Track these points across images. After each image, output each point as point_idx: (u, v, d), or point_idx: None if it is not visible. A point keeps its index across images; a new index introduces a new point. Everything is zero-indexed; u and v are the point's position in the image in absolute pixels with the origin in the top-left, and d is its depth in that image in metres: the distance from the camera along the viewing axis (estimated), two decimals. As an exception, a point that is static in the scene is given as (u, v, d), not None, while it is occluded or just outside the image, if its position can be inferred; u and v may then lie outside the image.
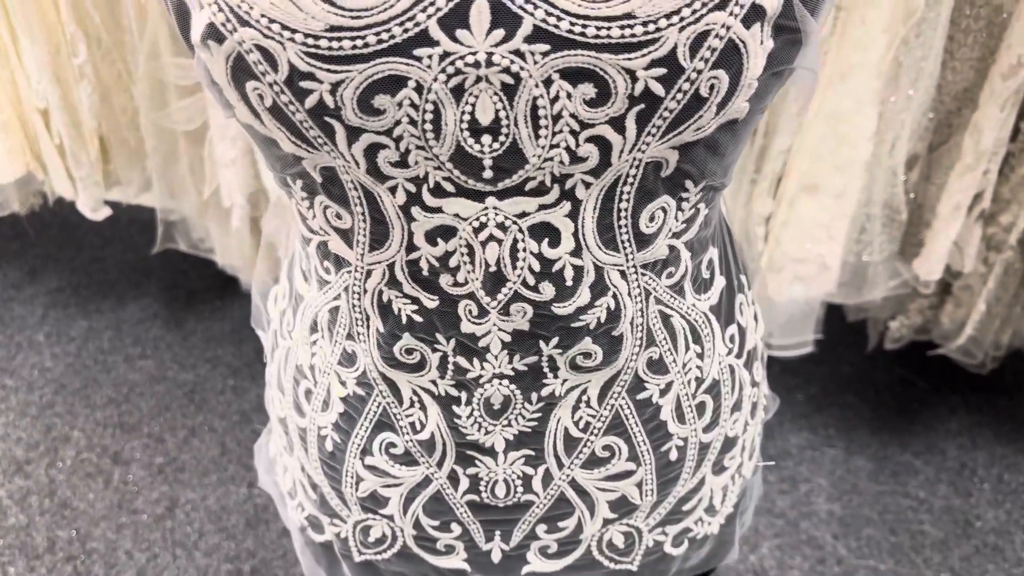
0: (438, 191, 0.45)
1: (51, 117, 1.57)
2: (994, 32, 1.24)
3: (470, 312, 0.50)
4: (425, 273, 0.49)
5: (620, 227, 0.47)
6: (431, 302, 0.50)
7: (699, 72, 0.40)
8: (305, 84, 0.40)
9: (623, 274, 0.49)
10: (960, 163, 1.31)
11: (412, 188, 0.45)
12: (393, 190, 0.45)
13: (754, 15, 0.39)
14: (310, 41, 0.39)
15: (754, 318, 0.63)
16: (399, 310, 0.51)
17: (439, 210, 0.45)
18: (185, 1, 0.40)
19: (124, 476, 1.68)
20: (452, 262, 0.48)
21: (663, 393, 0.56)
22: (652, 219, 0.48)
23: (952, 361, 1.60)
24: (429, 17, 0.38)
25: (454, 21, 0.38)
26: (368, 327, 0.53)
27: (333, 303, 0.54)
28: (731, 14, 0.38)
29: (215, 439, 1.75)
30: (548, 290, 0.48)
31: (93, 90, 1.56)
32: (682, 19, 0.38)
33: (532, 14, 0.38)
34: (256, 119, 0.43)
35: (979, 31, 1.26)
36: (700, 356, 0.56)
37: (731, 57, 0.40)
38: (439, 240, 0.47)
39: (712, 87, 0.40)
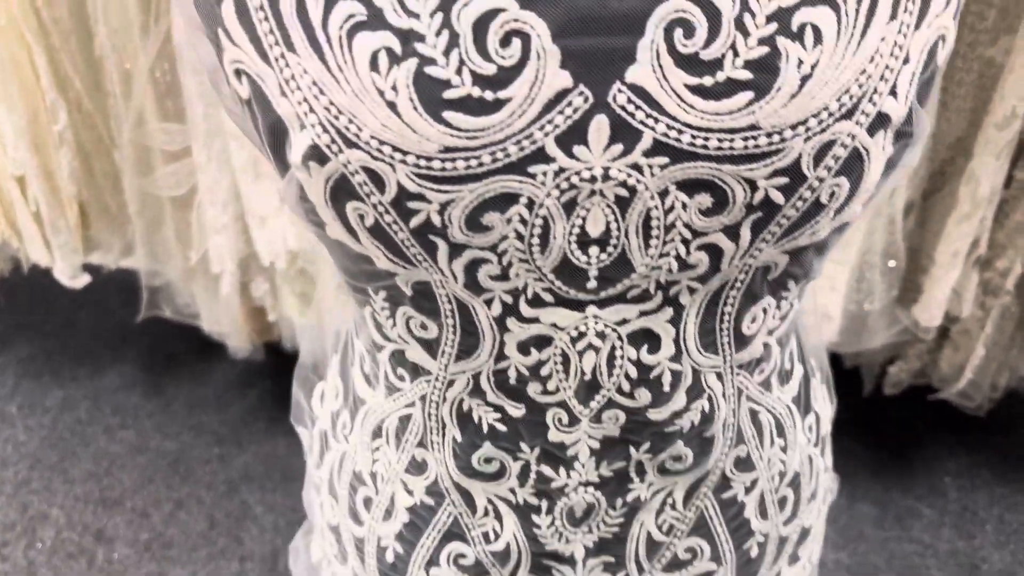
0: (536, 301, 0.42)
1: (28, 184, 1.52)
2: (986, 84, 1.26)
3: (559, 420, 0.47)
4: (512, 382, 0.46)
5: (722, 330, 0.45)
6: (516, 410, 0.47)
7: (821, 180, 0.38)
8: (413, 204, 0.37)
9: (719, 376, 0.47)
10: (957, 211, 1.32)
11: (509, 299, 0.42)
12: (489, 302, 0.42)
13: (879, 123, 0.38)
14: (422, 162, 0.36)
15: (827, 401, 0.61)
16: (480, 418, 0.48)
17: (536, 320, 0.43)
18: (281, 119, 0.38)
19: (108, 555, 1.60)
20: (544, 371, 0.45)
21: (748, 491, 0.54)
22: (753, 320, 0.46)
23: (947, 402, 1.60)
24: (547, 135, 0.36)
25: (572, 138, 0.36)
26: (444, 436, 0.50)
27: (405, 411, 0.51)
28: (857, 123, 0.37)
29: (202, 511, 1.69)
30: (644, 396, 0.46)
31: (73, 156, 1.51)
32: (808, 129, 0.36)
33: (653, 128, 0.36)
34: (351, 237, 0.40)
35: (972, 83, 1.27)
36: (784, 450, 0.54)
37: (854, 165, 0.38)
38: (532, 349, 0.44)
39: (832, 194, 0.39)
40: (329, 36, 0.35)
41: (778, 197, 0.38)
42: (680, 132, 0.36)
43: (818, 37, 0.35)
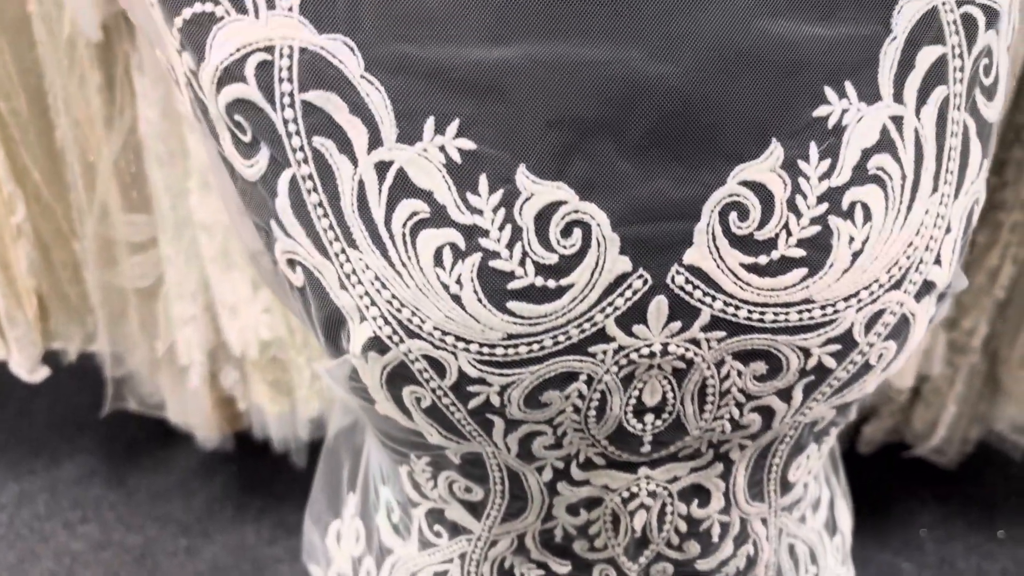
0: (588, 465, 0.42)
1: (-17, 279, 1.47)
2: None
3: None
4: (559, 540, 0.45)
5: (769, 480, 0.45)
6: (561, 567, 0.46)
7: (871, 345, 0.39)
8: (473, 388, 0.37)
9: (764, 520, 0.47)
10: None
11: (560, 465, 0.42)
12: (540, 469, 0.42)
13: (925, 290, 0.38)
14: (485, 350, 0.36)
15: (847, 512, 0.62)
16: (522, 574, 0.47)
17: (586, 483, 0.42)
18: (339, 309, 0.37)
19: (76, 661, 1.53)
20: (592, 529, 0.44)
21: (784, 620, 0.53)
22: (798, 467, 0.46)
23: (919, 457, 1.63)
24: (607, 317, 0.36)
25: (632, 318, 0.36)
26: None
27: (441, 567, 0.49)
28: (905, 292, 0.38)
29: (174, 607, 1.62)
30: (693, 548, 0.45)
31: (32, 248, 1.47)
32: (860, 301, 0.37)
33: (711, 306, 0.36)
34: (404, 416, 0.39)
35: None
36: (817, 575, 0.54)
37: (901, 328, 0.39)
38: (582, 511, 0.44)
39: (881, 356, 0.39)
40: (392, 233, 0.35)
41: (830, 362, 0.38)
42: (737, 308, 0.36)
43: (867, 214, 0.36)
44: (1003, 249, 1.30)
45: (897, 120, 0.36)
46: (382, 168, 0.35)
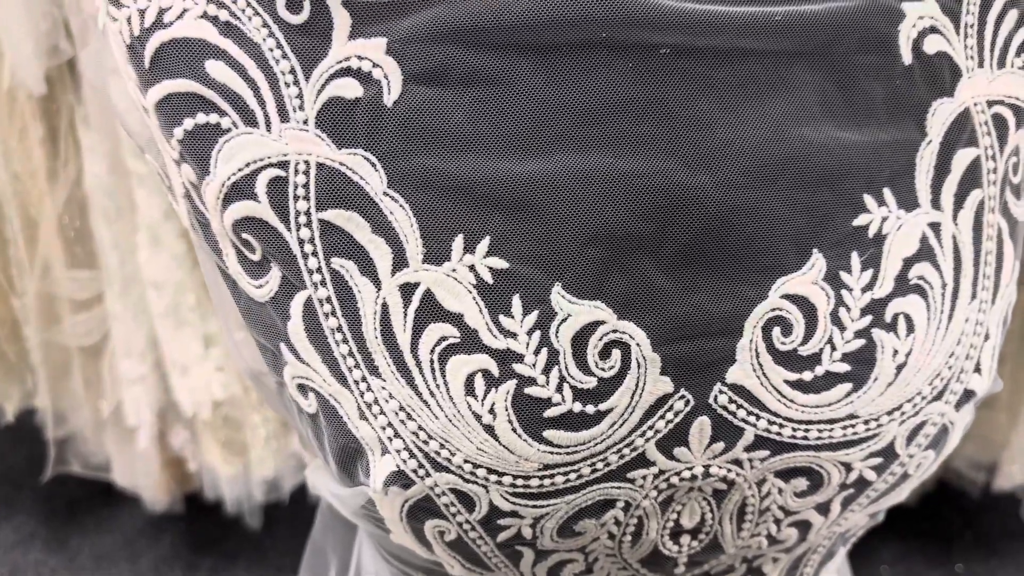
0: None
1: (-86, 338, 1.39)
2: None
3: None
4: None
5: None
6: None
7: (911, 456, 0.37)
8: (504, 521, 0.34)
9: (790, 626, 0.45)
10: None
11: None
12: (569, 591, 0.39)
13: (965, 399, 0.37)
14: (519, 482, 0.33)
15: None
16: None
17: (614, 604, 0.40)
18: (358, 440, 0.34)
19: None
20: None
21: None
22: (827, 572, 0.44)
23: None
24: (648, 440, 0.34)
25: (673, 441, 0.34)
26: None
27: None
28: (946, 402, 0.37)
29: None
30: (722, 661, 0.43)
31: (-34, 306, 1.40)
32: (903, 413, 0.36)
33: (755, 425, 0.34)
34: (423, 547, 0.36)
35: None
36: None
37: (940, 438, 0.38)
38: None
39: (919, 465, 0.38)
40: (419, 360, 0.32)
41: (871, 475, 0.37)
42: (781, 426, 0.35)
43: (911, 326, 0.35)
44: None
45: (935, 227, 0.35)
46: (407, 290, 0.32)
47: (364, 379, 0.33)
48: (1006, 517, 1.73)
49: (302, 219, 0.32)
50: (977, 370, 0.37)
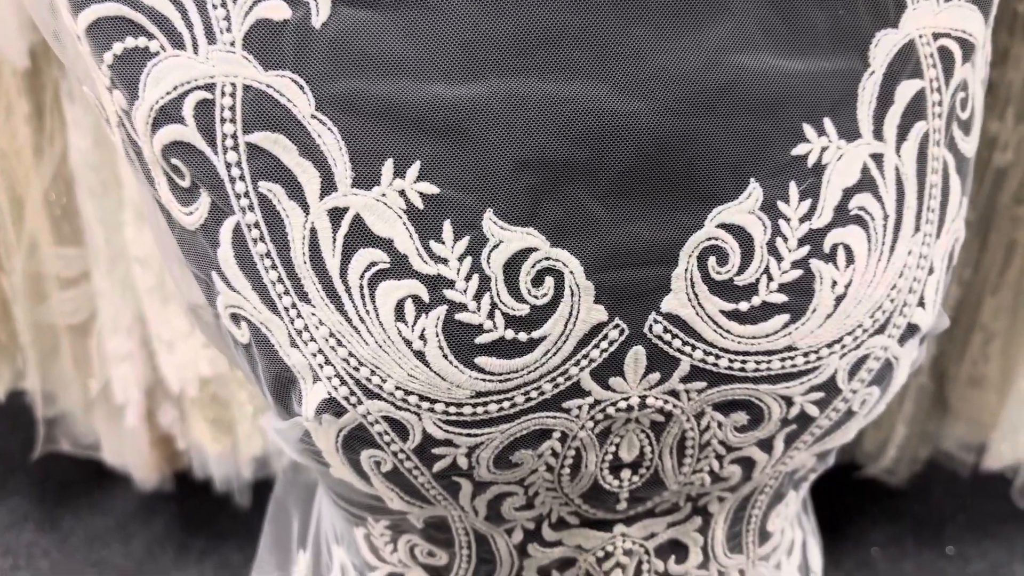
0: (560, 525, 0.39)
1: (-97, 317, 1.40)
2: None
3: None
4: None
5: (748, 531, 0.43)
6: (532, 630, 0.43)
7: (854, 392, 0.37)
8: (439, 450, 0.34)
9: (742, 572, 0.45)
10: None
11: (531, 526, 0.39)
12: (510, 531, 0.39)
13: (909, 333, 0.37)
14: (452, 410, 0.33)
15: (817, 548, 0.60)
16: None
17: (559, 543, 0.40)
18: (290, 369, 0.34)
19: None
20: None
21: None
22: (778, 515, 0.44)
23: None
24: (582, 370, 0.33)
25: (608, 371, 0.34)
26: None
27: (402, 633, 0.46)
28: (889, 336, 0.36)
29: (112, 658, 1.54)
30: (670, 605, 0.43)
31: (-45, 285, 1.40)
32: (844, 346, 0.35)
33: (690, 355, 0.34)
34: (362, 481, 0.36)
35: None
36: (791, 623, 0.52)
37: (885, 373, 0.37)
38: (554, 572, 0.41)
39: (864, 402, 0.38)
40: (349, 286, 0.32)
41: (813, 411, 0.37)
42: (718, 357, 0.34)
43: (850, 257, 0.34)
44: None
45: (878, 158, 0.35)
46: (336, 215, 0.32)
47: (294, 306, 0.33)
48: (997, 499, 1.72)
49: (229, 142, 0.32)
50: (921, 304, 0.37)
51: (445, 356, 0.32)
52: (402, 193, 0.32)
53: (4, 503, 1.82)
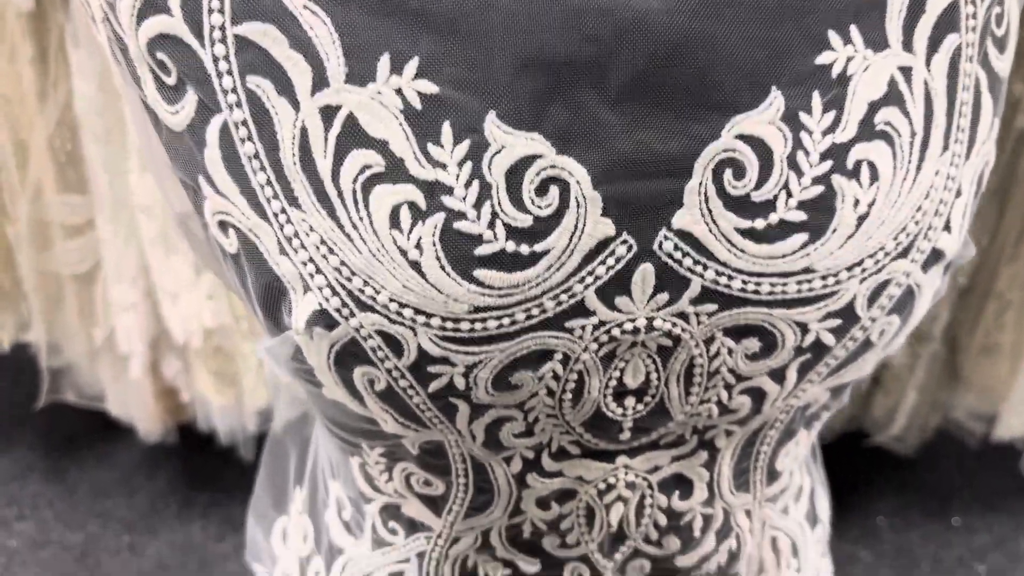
0: (561, 455, 0.38)
1: (-92, 263, 1.39)
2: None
3: (579, 575, 0.42)
4: (527, 536, 0.41)
5: (756, 468, 0.42)
6: (530, 566, 0.42)
7: (874, 320, 0.35)
8: (435, 368, 0.32)
9: (748, 512, 0.44)
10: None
11: (531, 455, 0.38)
12: (508, 459, 0.38)
13: (933, 259, 0.35)
14: (449, 325, 0.31)
15: (826, 500, 0.59)
16: (486, 575, 0.43)
17: (559, 474, 0.38)
18: (279, 278, 0.32)
19: (10, 666, 1.46)
20: (564, 524, 0.40)
21: (765, 617, 0.50)
22: (787, 455, 0.42)
23: (877, 444, 1.62)
24: (587, 287, 0.32)
25: (614, 289, 0.32)
26: None
27: (397, 567, 0.45)
28: (912, 261, 0.34)
29: (115, 608, 1.55)
30: (672, 544, 0.42)
31: (-41, 232, 1.39)
32: (864, 270, 0.33)
33: (702, 276, 0.32)
34: (355, 401, 0.35)
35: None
36: (798, 570, 0.51)
37: (906, 301, 0.35)
38: (553, 504, 0.40)
39: (882, 332, 0.36)
40: (341, 190, 0.30)
41: (829, 339, 0.35)
42: (731, 278, 0.33)
43: (874, 174, 0.33)
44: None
45: (906, 71, 0.33)
46: (328, 113, 0.30)
47: (283, 211, 0.31)
48: (1005, 472, 1.71)
49: (216, 34, 0.30)
50: (947, 228, 0.35)
51: (442, 267, 0.31)
52: (399, 91, 0.30)
53: (9, 454, 1.83)
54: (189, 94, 0.31)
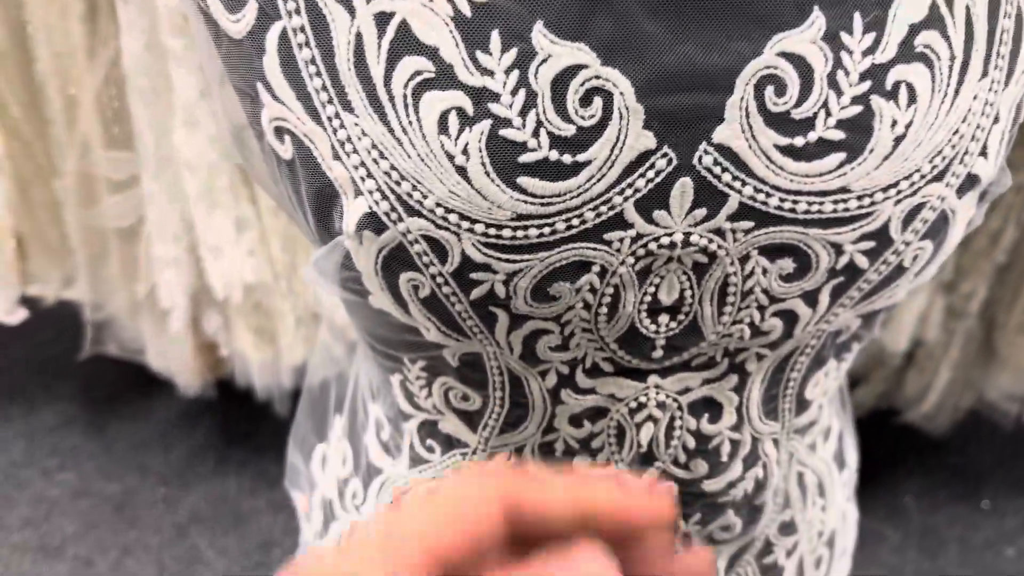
0: (594, 371, 0.39)
1: (-40, 216, 1.43)
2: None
3: None
4: (559, 454, 0.42)
5: (785, 396, 0.42)
6: (561, 485, 0.44)
7: (907, 244, 0.36)
8: (477, 275, 0.34)
9: (776, 442, 0.44)
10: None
11: (565, 370, 0.39)
12: (544, 374, 0.39)
13: (968, 184, 0.35)
14: (492, 231, 0.32)
15: (855, 449, 0.59)
16: None
17: (592, 391, 0.40)
18: (332, 183, 0.33)
19: (50, 608, 1.51)
20: (595, 443, 0.42)
21: (789, 554, 0.51)
22: (816, 384, 0.43)
23: (906, 423, 1.62)
24: (626, 200, 0.33)
25: (652, 203, 0.33)
26: None
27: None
28: (947, 185, 0.35)
29: (150, 558, 1.60)
30: (700, 467, 0.43)
31: (10, 185, 1.43)
32: (899, 192, 0.34)
33: (740, 191, 0.33)
34: (400, 308, 0.36)
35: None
36: (824, 509, 0.52)
37: (940, 227, 0.36)
38: (585, 422, 0.41)
39: (915, 257, 0.37)
40: (392, 95, 0.31)
41: (862, 262, 0.36)
42: (768, 195, 0.33)
43: (912, 96, 0.33)
44: (1006, 211, 1.28)
45: None
46: (382, 20, 0.31)
47: (337, 115, 0.32)
48: (1039, 455, 1.70)
49: None
50: (983, 154, 0.35)
51: (487, 173, 0.32)
52: None
53: (52, 406, 1.88)
54: (250, 2, 0.33)
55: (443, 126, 0.31)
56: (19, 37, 1.34)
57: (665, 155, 0.32)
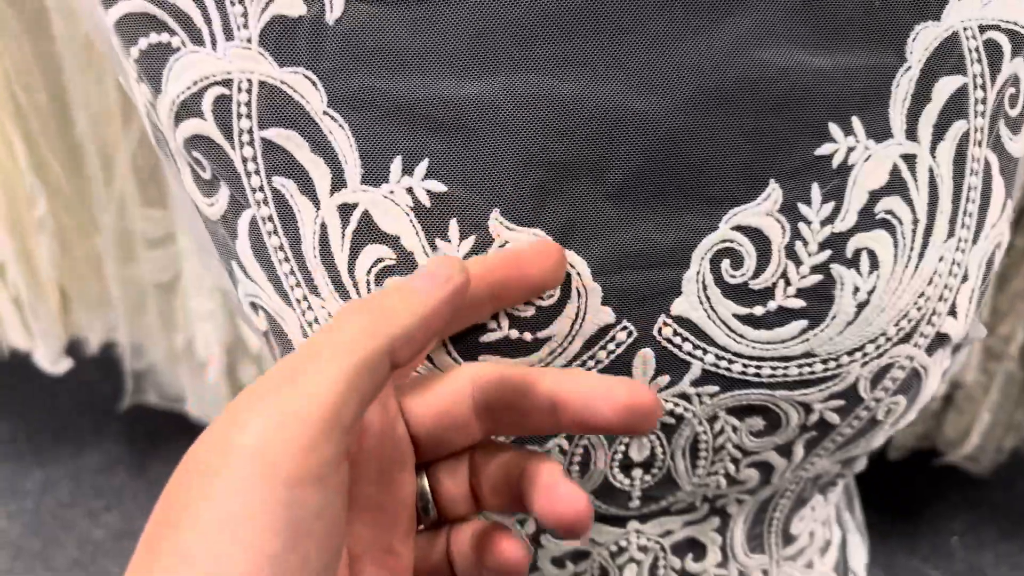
0: None
1: (7, 270, 1.48)
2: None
3: None
4: None
5: (770, 532, 0.42)
6: (548, 618, 0.44)
7: (878, 400, 0.36)
8: None
9: (765, 572, 0.44)
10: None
11: None
12: (522, 522, 0.39)
13: (938, 343, 0.35)
14: None
15: (861, 548, 0.59)
16: None
17: (572, 536, 0.40)
18: None
19: (97, 651, 1.55)
20: None
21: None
22: (802, 519, 0.43)
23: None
24: (589, 371, 0.33)
25: (615, 372, 0.34)
26: None
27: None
28: (915, 345, 0.35)
29: (193, 599, 1.63)
30: (687, 602, 0.43)
31: (53, 241, 1.47)
32: (865, 355, 0.34)
33: (702, 359, 0.33)
34: None
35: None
36: (826, 621, 0.51)
37: (912, 383, 0.36)
38: (568, 563, 0.41)
39: (889, 411, 0.36)
40: (356, 280, 0.32)
41: (833, 418, 0.36)
42: (731, 362, 0.34)
43: (874, 262, 0.33)
44: (1042, 254, 1.25)
45: (910, 159, 0.33)
46: (346, 211, 0.32)
47: (305, 298, 0.33)
48: (1088, 493, 1.65)
49: (245, 137, 0.33)
50: (952, 313, 0.35)
51: (448, 352, 0.33)
52: (410, 190, 0.32)
53: (98, 447, 1.93)
54: (222, 189, 0.34)
55: None
56: (61, 100, 1.38)
57: (625, 328, 0.33)
